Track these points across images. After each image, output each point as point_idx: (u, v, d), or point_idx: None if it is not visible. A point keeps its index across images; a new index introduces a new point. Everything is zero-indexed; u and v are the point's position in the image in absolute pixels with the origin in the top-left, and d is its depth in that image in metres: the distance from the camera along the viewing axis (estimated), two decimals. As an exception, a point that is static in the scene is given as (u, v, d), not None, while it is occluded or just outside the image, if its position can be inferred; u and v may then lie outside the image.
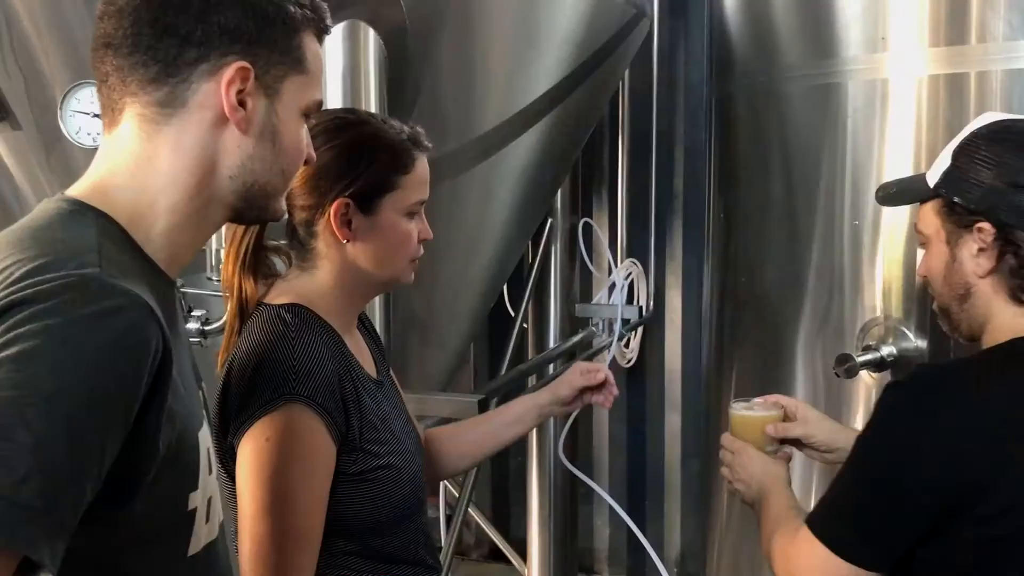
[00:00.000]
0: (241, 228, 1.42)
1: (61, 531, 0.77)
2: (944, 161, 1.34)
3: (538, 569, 3.76)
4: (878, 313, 2.16)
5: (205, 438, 1.01)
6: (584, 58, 2.53)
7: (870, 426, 1.29)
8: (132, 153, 0.99)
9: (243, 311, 1.42)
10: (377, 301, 2.13)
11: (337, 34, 2.04)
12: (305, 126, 1.08)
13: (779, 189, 2.41)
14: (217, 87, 0.97)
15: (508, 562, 3.97)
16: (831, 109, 2.23)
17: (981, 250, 1.28)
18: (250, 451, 1.28)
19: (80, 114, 1.90)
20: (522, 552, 3.84)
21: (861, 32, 2.18)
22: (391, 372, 1.62)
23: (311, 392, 1.28)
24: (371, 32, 2.07)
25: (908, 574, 1.27)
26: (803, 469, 2.34)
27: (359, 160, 1.37)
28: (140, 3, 0.97)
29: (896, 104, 2.14)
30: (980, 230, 1.27)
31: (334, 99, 2.07)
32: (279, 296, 1.40)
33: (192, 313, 1.90)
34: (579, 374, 1.69)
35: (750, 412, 1.66)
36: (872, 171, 2.18)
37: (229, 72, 0.97)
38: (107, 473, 0.82)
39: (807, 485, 2.34)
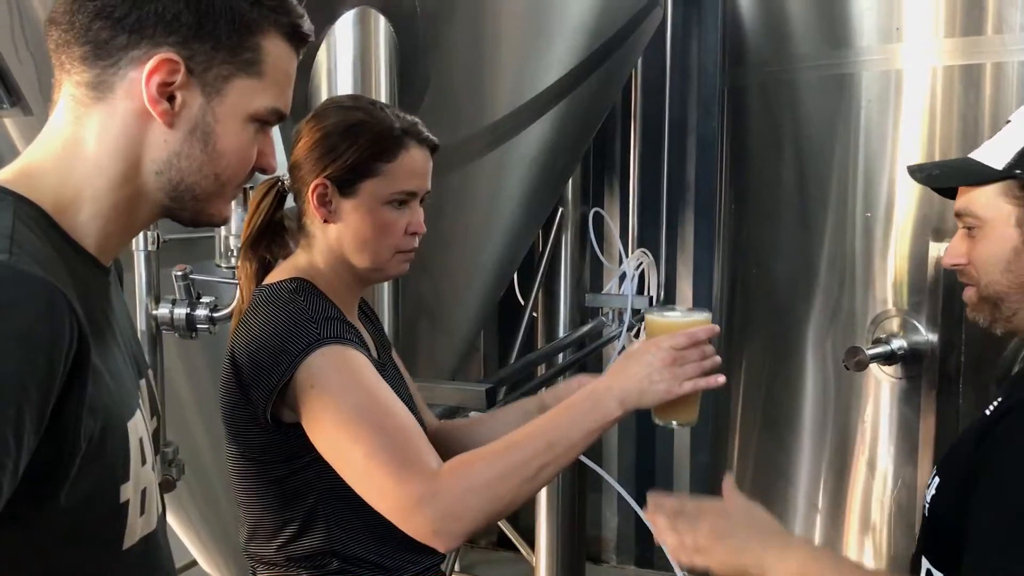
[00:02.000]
0: (257, 201, 1.48)
1: None
2: (1016, 140, 1.28)
3: (546, 558, 3.77)
4: (889, 306, 2.15)
5: (138, 427, 0.98)
6: (596, 46, 2.52)
7: (1014, 453, 1.16)
8: (62, 136, 0.97)
9: (248, 288, 1.47)
10: (386, 288, 2.13)
11: (348, 21, 2.03)
12: (256, 129, 1.02)
13: (791, 180, 2.39)
14: (140, 76, 0.95)
15: (516, 550, 3.98)
16: (844, 99, 2.20)
17: None
18: (305, 405, 1.28)
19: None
20: (530, 540, 3.85)
21: (875, 22, 2.16)
22: (393, 356, 1.63)
23: (337, 333, 1.32)
24: (382, 19, 2.06)
25: None
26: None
27: (340, 143, 1.40)
28: None
29: (910, 95, 2.12)
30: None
31: (344, 87, 2.07)
32: (279, 274, 1.44)
33: (201, 300, 1.90)
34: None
35: (673, 316, 1.37)
36: (885, 162, 2.16)
37: (152, 62, 0.94)
38: (26, 469, 0.79)
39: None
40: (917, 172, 1.51)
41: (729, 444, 2.71)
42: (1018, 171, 1.27)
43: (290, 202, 1.51)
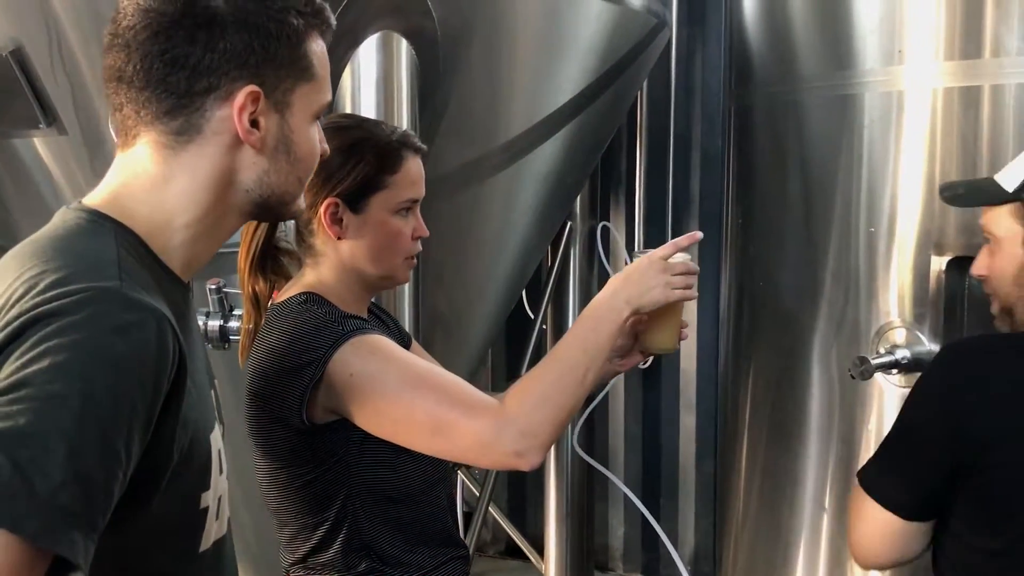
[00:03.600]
0: (252, 228, 1.51)
1: (93, 533, 0.82)
2: (1021, 165, 1.40)
3: (555, 565, 3.82)
4: (893, 317, 2.22)
5: (217, 440, 1.05)
6: (607, 67, 2.60)
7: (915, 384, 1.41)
8: (148, 173, 1.02)
9: (257, 308, 1.53)
10: (407, 299, 2.21)
11: (371, 45, 2.11)
12: (317, 124, 1.10)
13: (797, 196, 2.47)
14: (230, 112, 1.00)
15: (525, 558, 4.03)
16: (848, 119, 2.29)
17: None
18: (350, 395, 1.35)
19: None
20: (538, 548, 3.90)
21: (878, 45, 2.24)
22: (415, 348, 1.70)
23: (358, 326, 1.39)
24: (404, 43, 2.14)
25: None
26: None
27: (347, 161, 1.46)
28: (147, 37, 0.98)
29: (911, 116, 2.20)
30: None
31: (368, 107, 2.15)
32: (289, 291, 1.50)
33: (233, 312, 1.98)
34: None
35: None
36: (888, 180, 2.24)
37: (240, 98, 1.00)
38: (129, 477, 0.86)
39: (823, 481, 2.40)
40: (946, 191, 1.63)
41: (737, 452, 2.78)
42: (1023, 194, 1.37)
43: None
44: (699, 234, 1.48)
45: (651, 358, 3.99)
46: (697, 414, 4.22)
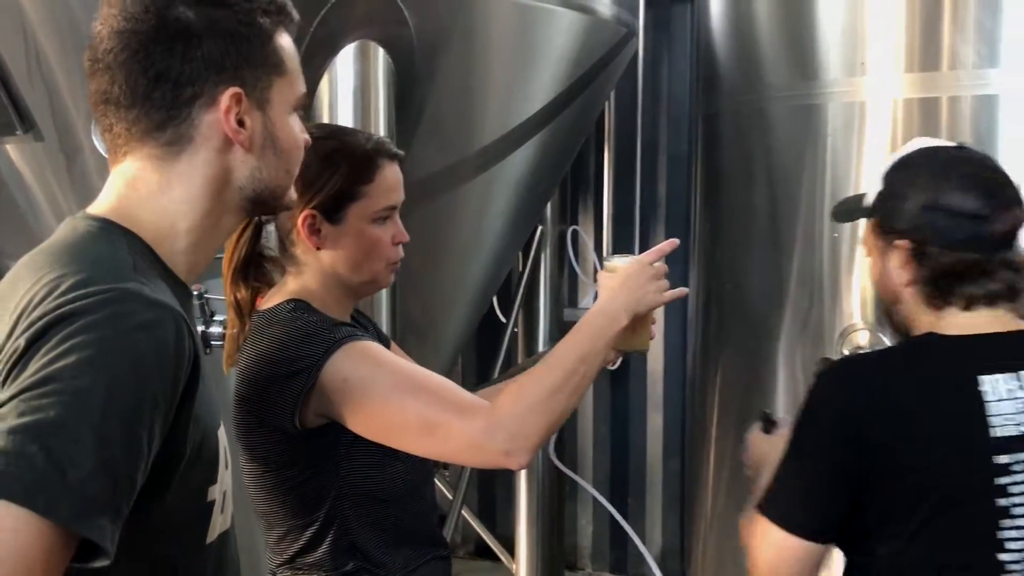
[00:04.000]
0: (236, 237, 1.51)
1: (119, 519, 0.86)
2: (878, 184, 1.50)
3: (525, 565, 3.86)
4: (856, 319, 2.30)
5: (222, 437, 1.09)
6: (577, 75, 2.65)
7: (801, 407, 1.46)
8: (146, 183, 1.05)
9: (240, 315, 1.53)
10: (384, 302, 2.24)
11: (349, 53, 2.15)
12: (296, 116, 1.13)
13: (763, 202, 2.54)
14: (217, 117, 1.04)
15: (496, 559, 4.07)
16: (812, 128, 2.36)
17: (903, 263, 1.43)
18: (343, 399, 1.38)
19: (112, 131, 2.00)
20: (509, 549, 3.95)
21: (841, 56, 2.32)
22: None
23: (348, 334, 1.42)
24: (381, 52, 2.18)
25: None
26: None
27: (322, 173, 1.47)
28: (127, 57, 1.01)
29: (873, 125, 2.28)
30: (897, 247, 1.43)
31: (345, 115, 2.18)
32: (273, 298, 1.52)
33: (215, 318, 2.00)
34: None
35: (629, 259, 1.54)
36: (850, 187, 2.32)
37: (225, 100, 1.03)
38: (149, 467, 0.90)
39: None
40: (835, 207, 1.75)
41: (704, 451, 2.85)
42: (874, 210, 1.48)
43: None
44: (677, 241, 1.53)
45: (620, 359, 4.06)
46: (664, 414, 4.29)
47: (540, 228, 3.54)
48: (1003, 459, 1.36)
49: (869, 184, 2.26)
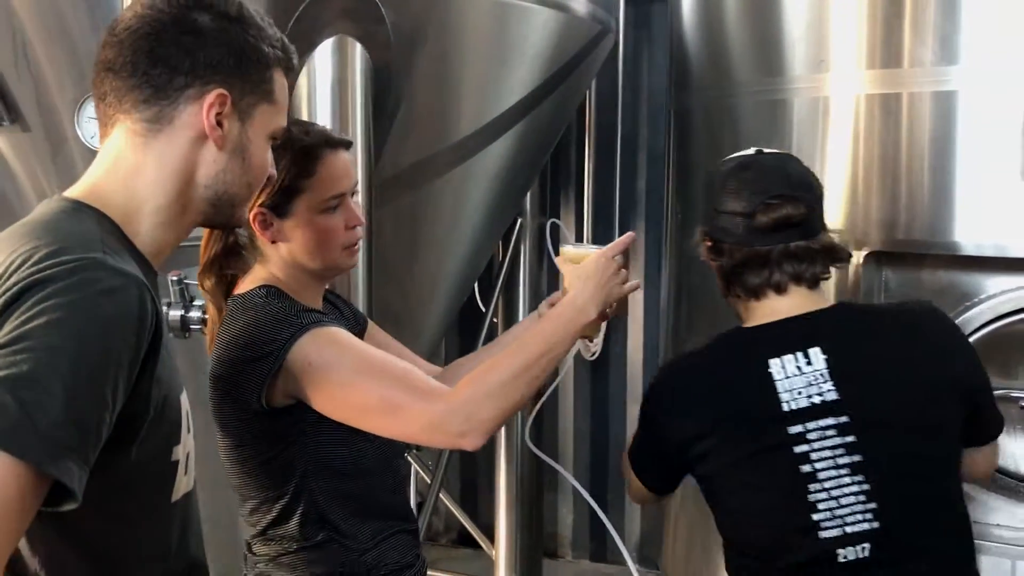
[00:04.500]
0: (206, 235, 1.63)
1: (86, 466, 0.95)
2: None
3: (505, 553, 3.93)
4: (817, 309, 2.36)
5: (185, 402, 1.18)
6: (552, 71, 2.71)
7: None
8: (123, 163, 1.15)
9: (215, 304, 1.63)
10: (361, 292, 2.30)
11: (327, 49, 2.21)
12: (269, 147, 1.25)
13: (731, 195, 2.61)
14: (199, 109, 1.15)
15: (477, 546, 4.14)
16: (778, 122, 2.43)
17: (709, 259, 1.69)
18: (308, 381, 1.45)
19: (95, 120, 2.05)
20: (490, 537, 4.00)
21: (805, 53, 2.39)
22: (370, 332, 1.81)
23: (316, 319, 1.49)
24: (358, 47, 2.24)
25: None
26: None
27: None
28: (139, 36, 1.14)
29: (836, 120, 2.35)
30: (704, 245, 1.69)
31: (323, 109, 2.24)
32: (245, 285, 1.60)
33: (194, 303, 2.06)
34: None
35: (585, 248, 1.68)
36: (814, 179, 2.39)
37: (210, 97, 1.14)
38: (113, 421, 0.99)
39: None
40: None
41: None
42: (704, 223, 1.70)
43: None
44: (634, 234, 1.66)
45: (599, 349, 4.13)
46: (643, 405, 4.35)
47: (520, 220, 3.61)
48: (796, 429, 1.54)
49: (833, 177, 2.36)
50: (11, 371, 0.91)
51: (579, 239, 4.11)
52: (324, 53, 2.21)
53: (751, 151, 1.71)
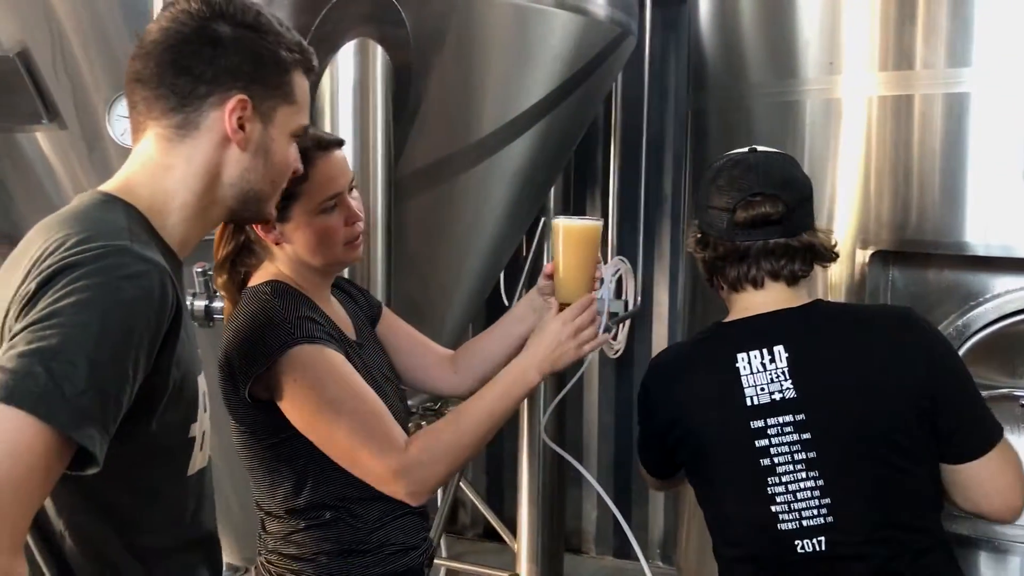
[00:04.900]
0: (222, 231, 1.70)
1: (106, 434, 1.04)
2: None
3: (527, 548, 3.99)
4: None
5: (202, 383, 1.27)
6: (572, 73, 2.77)
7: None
8: (153, 162, 1.24)
9: (230, 298, 1.71)
10: (380, 285, 2.38)
11: (349, 51, 2.29)
12: (294, 144, 1.33)
13: (746, 195, 2.65)
14: (222, 114, 1.23)
15: (502, 541, 4.20)
16: (791, 124, 2.46)
17: (696, 250, 1.74)
18: (286, 393, 1.53)
19: (125, 118, 2.15)
20: (515, 532, 4.06)
21: (817, 55, 2.41)
22: (382, 325, 1.89)
23: (309, 333, 1.56)
24: (379, 49, 2.31)
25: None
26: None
27: None
28: (164, 49, 1.23)
29: (848, 121, 2.37)
30: (693, 235, 1.75)
31: (345, 110, 2.32)
32: (257, 279, 1.69)
33: (217, 293, 2.15)
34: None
35: (581, 221, 1.69)
36: (827, 180, 2.41)
37: (232, 103, 1.23)
38: (133, 398, 1.07)
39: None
40: None
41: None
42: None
43: None
44: (594, 295, 1.66)
45: (622, 347, 4.18)
46: (666, 403, 4.38)
47: (544, 218, 3.68)
48: (758, 424, 1.60)
49: (845, 178, 2.39)
50: (42, 344, 1.00)
51: (604, 241, 4.16)
52: (346, 55, 2.29)
53: (745, 150, 1.76)
